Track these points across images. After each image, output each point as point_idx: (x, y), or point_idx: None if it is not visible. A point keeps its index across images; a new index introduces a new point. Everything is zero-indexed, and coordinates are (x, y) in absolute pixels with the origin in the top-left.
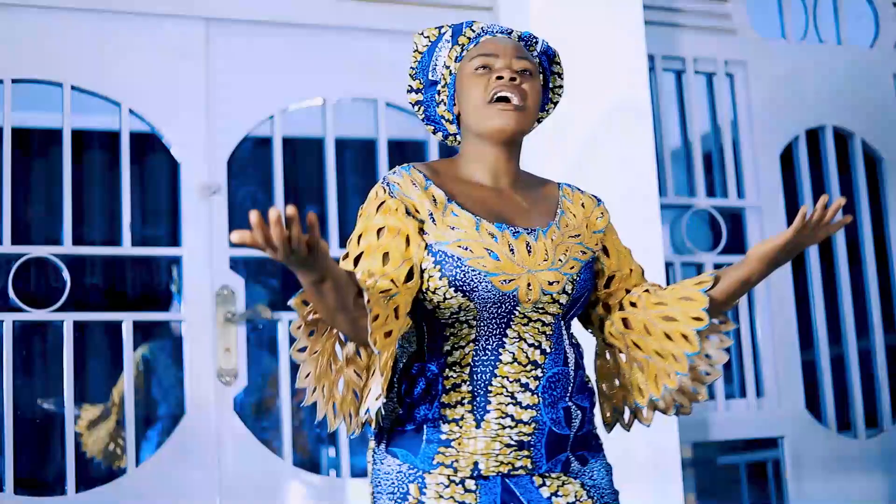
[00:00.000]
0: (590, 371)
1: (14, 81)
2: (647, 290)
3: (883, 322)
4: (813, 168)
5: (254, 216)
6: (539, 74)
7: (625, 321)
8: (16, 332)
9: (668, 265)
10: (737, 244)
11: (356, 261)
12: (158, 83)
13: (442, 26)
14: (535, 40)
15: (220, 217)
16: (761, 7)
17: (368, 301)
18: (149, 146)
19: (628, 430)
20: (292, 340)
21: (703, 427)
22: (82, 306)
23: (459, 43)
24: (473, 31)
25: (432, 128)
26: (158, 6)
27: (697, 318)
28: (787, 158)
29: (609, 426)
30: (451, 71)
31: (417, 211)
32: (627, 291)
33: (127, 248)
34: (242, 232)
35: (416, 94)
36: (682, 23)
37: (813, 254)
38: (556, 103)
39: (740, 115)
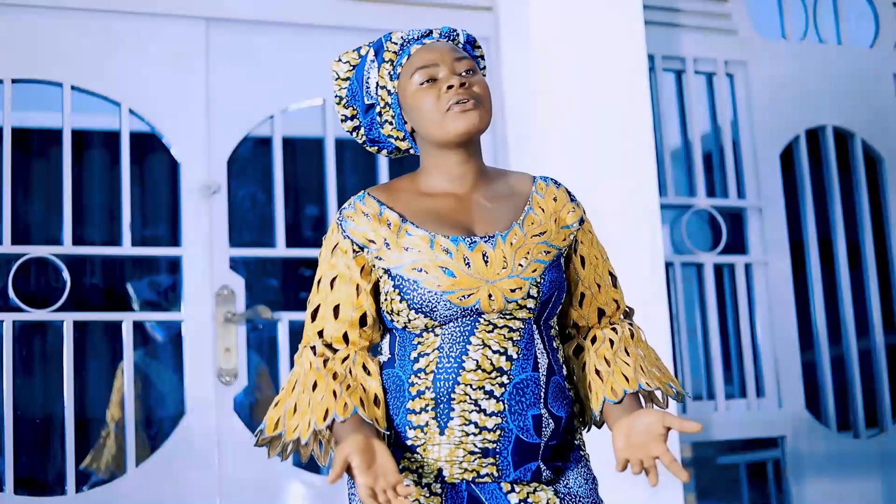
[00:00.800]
0: None
1: (14, 81)
2: (611, 340)
3: (883, 322)
4: (813, 168)
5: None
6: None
7: (578, 349)
8: (16, 332)
9: (669, 265)
10: (737, 244)
11: (314, 314)
12: (158, 83)
13: (360, 47)
14: (456, 33)
15: (220, 217)
16: (761, 7)
17: (352, 407)
18: (149, 146)
19: (599, 428)
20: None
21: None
22: (82, 306)
23: (387, 59)
24: (396, 44)
25: (376, 148)
26: (158, 6)
27: (614, 392)
28: (788, 158)
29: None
30: (389, 90)
31: (372, 241)
32: (600, 312)
33: (127, 248)
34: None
35: (352, 120)
36: (682, 23)
37: (813, 254)
38: None
39: (740, 115)
